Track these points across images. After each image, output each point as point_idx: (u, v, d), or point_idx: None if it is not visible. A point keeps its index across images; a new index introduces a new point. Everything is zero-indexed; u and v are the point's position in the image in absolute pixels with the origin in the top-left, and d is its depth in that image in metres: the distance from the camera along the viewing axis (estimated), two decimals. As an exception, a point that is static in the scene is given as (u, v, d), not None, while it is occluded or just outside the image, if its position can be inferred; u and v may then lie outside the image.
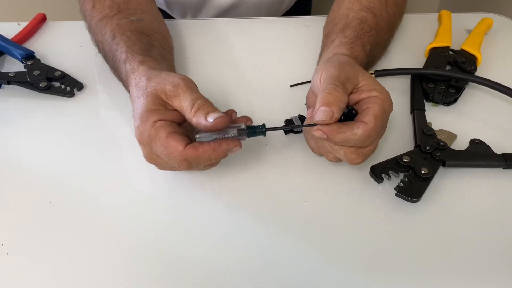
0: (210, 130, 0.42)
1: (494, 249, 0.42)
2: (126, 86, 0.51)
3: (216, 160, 0.43)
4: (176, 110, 0.44)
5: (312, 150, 0.48)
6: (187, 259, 0.41)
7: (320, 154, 0.49)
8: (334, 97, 0.42)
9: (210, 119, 0.41)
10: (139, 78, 0.47)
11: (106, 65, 0.59)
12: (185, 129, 0.45)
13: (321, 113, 0.42)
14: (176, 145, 0.41)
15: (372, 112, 0.43)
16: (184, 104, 0.42)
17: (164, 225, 0.44)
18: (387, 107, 0.44)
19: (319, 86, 0.45)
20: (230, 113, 0.44)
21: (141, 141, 0.43)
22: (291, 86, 0.59)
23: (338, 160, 0.47)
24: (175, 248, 0.42)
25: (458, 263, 0.41)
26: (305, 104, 0.51)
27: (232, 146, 0.42)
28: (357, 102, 0.45)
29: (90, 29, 0.60)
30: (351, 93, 0.45)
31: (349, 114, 0.45)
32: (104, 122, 0.55)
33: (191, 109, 0.42)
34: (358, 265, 0.41)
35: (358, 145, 0.43)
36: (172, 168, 0.45)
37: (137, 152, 0.51)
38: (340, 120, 0.43)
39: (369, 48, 0.54)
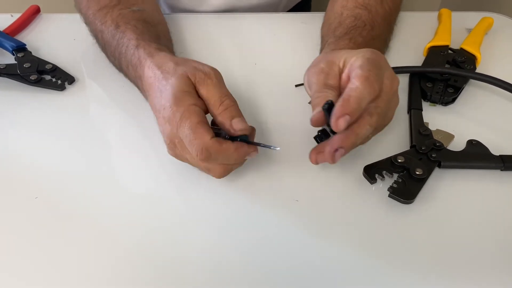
0: (231, 134, 0.42)
1: (489, 252, 0.41)
2: (136, 70, 0.49)
3: (235, 162, 0.43)
4: (200, 98, 0.44)
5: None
6: (178, 257, 0.40)
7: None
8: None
9: (235, 126, 0.42)
10: (164, 62, 0.46)
11: (100, 58, 0.58)
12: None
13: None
14: (203, 133, 0.40)
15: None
16: (211, 96, 0.43)
17: (158, 223, 0.43)
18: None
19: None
20: (251, 130, 0.45)
21: (170, 121, 0.42)
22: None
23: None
24: (166, 247, 0.41)
25: (453, 266, 0.40)
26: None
27: (252, 150, 0.43)
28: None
29: (87, 20, 0.58)
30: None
31: (325, 133, 0.44)
32: (95, 117, 0.54)
33: (218, 106, 0.42)
34: (350, 266, 0.40)
35: (374, 100, 0.41)
36: (186, 159, 0.44)
37: (128, 147, 0.50)
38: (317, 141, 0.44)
39: (361, 40, 0.52)
